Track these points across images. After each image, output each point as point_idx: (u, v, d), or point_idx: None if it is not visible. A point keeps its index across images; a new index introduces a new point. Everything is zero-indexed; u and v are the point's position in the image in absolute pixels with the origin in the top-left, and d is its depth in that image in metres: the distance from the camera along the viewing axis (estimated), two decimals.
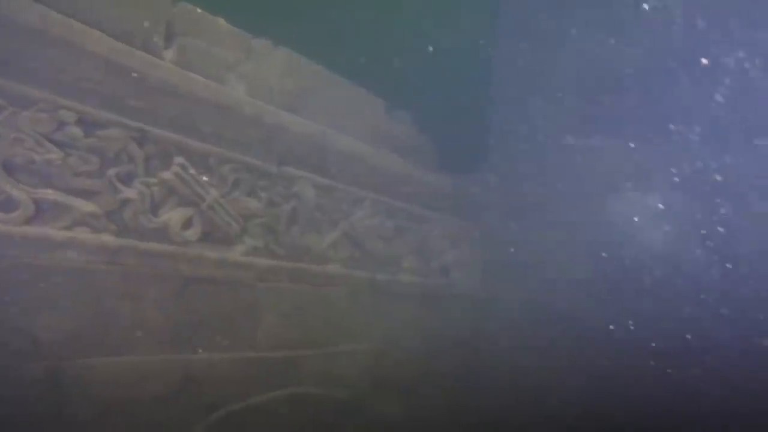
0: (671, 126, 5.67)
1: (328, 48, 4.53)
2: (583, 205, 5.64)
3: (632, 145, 5.75)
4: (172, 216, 2.92)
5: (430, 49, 5.45)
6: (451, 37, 6.09)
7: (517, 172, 5.67)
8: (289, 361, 3.64)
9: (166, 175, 2.88)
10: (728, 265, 5.38)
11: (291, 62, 3.77)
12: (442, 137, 5.30)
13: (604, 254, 5.54)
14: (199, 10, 3.12)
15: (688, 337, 5.37)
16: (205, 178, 3.08)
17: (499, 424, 5.08)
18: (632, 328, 5.47)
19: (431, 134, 5.20)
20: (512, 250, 5.53)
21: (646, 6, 5.59)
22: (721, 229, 5.44)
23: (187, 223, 2.99)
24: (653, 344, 5.44)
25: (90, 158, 2.43)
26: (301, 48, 4.00)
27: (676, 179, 5.64)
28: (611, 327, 5.48)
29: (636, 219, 5.62)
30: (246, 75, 3.43)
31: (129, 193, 2.64)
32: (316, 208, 3.83)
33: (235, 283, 3.29)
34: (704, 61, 5.60)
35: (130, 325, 2.71)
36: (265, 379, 3.47)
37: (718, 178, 5.54)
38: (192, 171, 3.01)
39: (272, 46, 3.68)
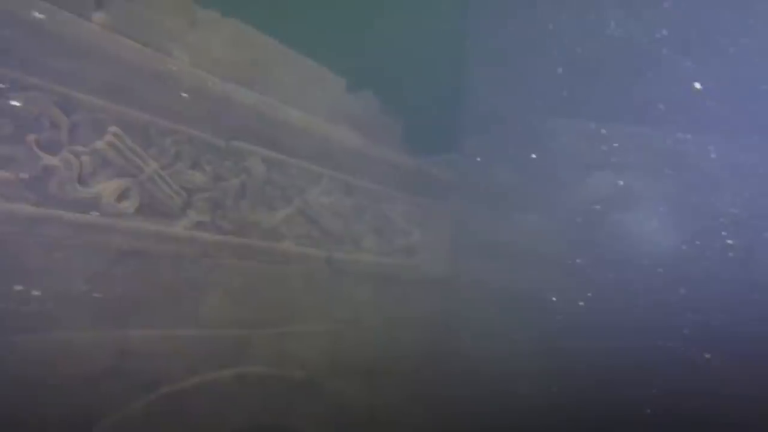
0: (647, 109, 5.57)
1: (292, 26, 4.39)
2: (556, 189, 5.54)
3: (606, 129, 5.66)
4: (106, 187, 2.78)
5: None
6: (422, 15, 5.95)
7: (488, 154, 5.56)
8: (238, 340, 3.52)
9: (99, 144, 2.74)
10: (702, 249, 5.30)
11: (241, 34, 3.63)
12: (410, 118, 5.17)
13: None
14: None
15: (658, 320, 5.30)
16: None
17: (465, 410, 5.00)
18: (604, 312, 5.38)
19: (399, 114, 5.07)
20: (482, 233, 5.43)
21: None
22: (694, 213, 5.36)
23: (123, 195, 2.86)
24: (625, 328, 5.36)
25: (1, 122, 2.29)
26: (263, 24, 3.87)
27: (651, 163, 5.54)
28: (583, 310, 5.40)
29: (610, 203, 5.53)
30: (190, 45, 3.28)
31: (52, 161, 2.49)
32: (268, 184, 3.70)
33: (177, 258, 3.16)
34: None
35: (56, 300, 2.58)
36: (211, 357, 3.35)
37: (694, 163, 5.46)
38: (129, 141, 2.87)
39: (220, 16, 3.53)
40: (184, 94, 3.12)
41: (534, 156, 5.50)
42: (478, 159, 5.34)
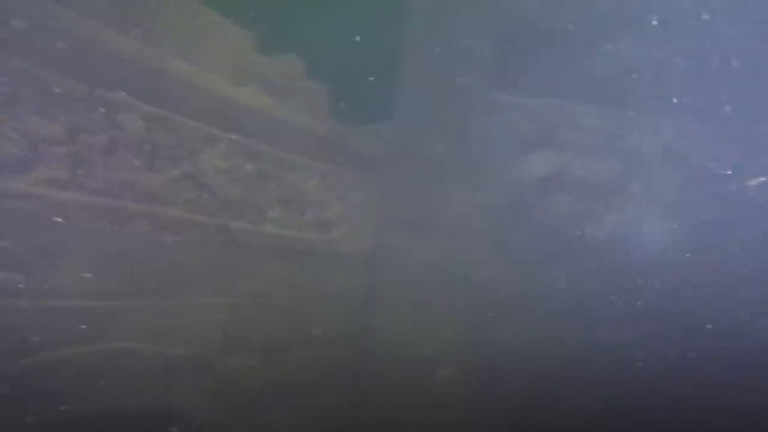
0: (591, 88, 5.14)
1: None
2: (492, 166, 5.12)
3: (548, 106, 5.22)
4: None
5: None
6: None
7: (421, 126, 5.10)
8: (104, 313, 3.07)
9: None
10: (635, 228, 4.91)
11: None
12: (339, 84, 4.71)
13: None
14: None
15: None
16: None
17: (382, 394, 4.61)
18: (536, 298, 4.98)
19: (326, 80, 4.61)
20: (410, 208, 4.99)
21: None
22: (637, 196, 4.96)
23: None
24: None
25: None
26: None
27: (592, 144, 5.13)
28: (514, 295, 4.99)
29: (548, 182, 5.11)
30: None
31: None
32: (147, 142, 3.23)
33: (16, 219, 2.69)
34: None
35: None
36: (66, 331, 2.90)
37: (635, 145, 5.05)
38: None
39: None
40: (28, 28, 2.64)
41: (470, 130, 5.07)
42: (418, 130, 4.86)
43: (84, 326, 3.00)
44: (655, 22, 4.68)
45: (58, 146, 2.82)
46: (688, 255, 4.32)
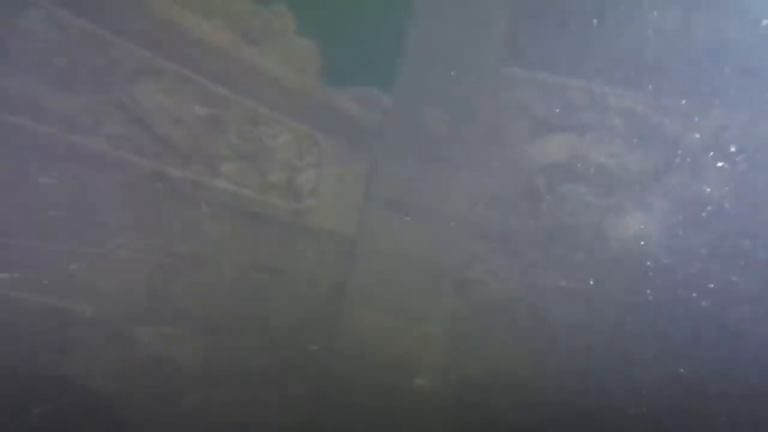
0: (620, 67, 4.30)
1: None
2: (499, 147, 4.34)
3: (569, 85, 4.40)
4: None
5: None
6: None
7: (422, 97, 4.33)
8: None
9: None
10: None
11: None
12: (330, 40, 4.06)
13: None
14: None
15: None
16: None
17: (347, 396, 3.84)
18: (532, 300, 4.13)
19: (314, 34, 3.98)
20: (401, 187, 4.24)
21: None
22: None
23: None
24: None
25: None
26: None
27: (616, 130, 4.28)
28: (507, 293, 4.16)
29: (561, 170, 4.28)
30: None
31: None
32: (62, 55, 2.64)
33: None
34: None
35: None
36: None
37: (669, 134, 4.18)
38: None
39: None
40: None
41: (478, 106, 4.29)
42: (420, 103, 4.13)
43: None
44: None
45: None
46: (720, 261, 3.38)
